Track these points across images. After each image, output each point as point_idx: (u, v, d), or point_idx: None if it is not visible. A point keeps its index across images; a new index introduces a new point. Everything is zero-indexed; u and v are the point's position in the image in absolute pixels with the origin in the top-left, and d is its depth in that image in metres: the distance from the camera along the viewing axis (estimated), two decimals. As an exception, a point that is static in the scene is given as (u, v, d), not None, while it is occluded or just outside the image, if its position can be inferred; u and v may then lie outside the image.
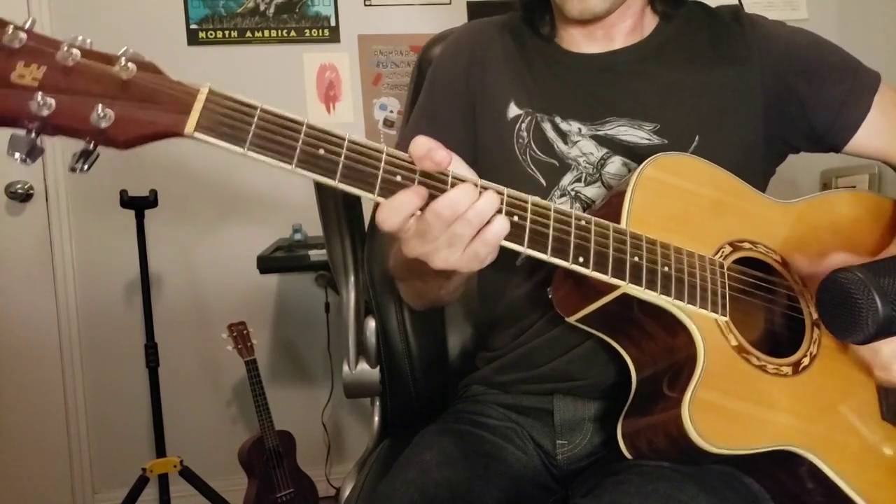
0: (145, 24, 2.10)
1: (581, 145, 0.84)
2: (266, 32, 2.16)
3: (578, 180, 0.84)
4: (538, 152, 0.85)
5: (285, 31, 2.17)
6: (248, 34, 2.16)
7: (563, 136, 0.85)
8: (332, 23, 2.19)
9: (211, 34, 2.14)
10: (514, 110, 0.87)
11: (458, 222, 0.59)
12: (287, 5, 2.17)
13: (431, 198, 0.59)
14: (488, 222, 0.60)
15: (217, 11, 2.14)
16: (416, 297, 0.92)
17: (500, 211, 0.61)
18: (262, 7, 2.16)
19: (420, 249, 0.61)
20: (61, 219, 2.11)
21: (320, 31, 2.19)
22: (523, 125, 0.86)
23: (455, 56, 0.94)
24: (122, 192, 1.88)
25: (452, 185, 0.61)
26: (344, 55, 2.20)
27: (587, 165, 0.84)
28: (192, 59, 2.13)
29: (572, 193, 0.84)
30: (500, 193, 0.63)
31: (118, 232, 2.05)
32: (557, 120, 0.86)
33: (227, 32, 2.15)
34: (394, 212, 0.59)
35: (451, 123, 0.91)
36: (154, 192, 1.91)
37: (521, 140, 0.86)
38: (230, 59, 2.15)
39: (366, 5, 2.20)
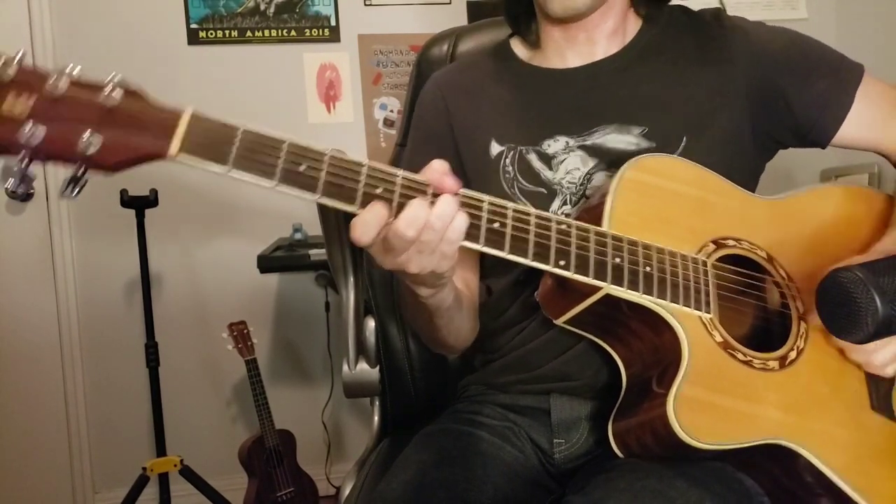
0: (145, 24, 2.10)
1: (567, 163, 0.84)
2: (266, 32, 2.17)
3: (565, 203, 0.84)
4: (526, 184, 0.85)
5: (285, 30, 2.18)
6: (249, 34, 2.16)
7: (549, 161, 0.85)
8: (332, 22, 2.19)
9: (211, 34, 2.14)
10: (496, 148, 0.88)
11: (425, 230, 0.61)
12: (287, 5, 2.17)
13: (400, 207, 0.61)
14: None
15: (217, 11, 2.14)
16: (432, 343, 0.93)
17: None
18: (262, 7, 2.16)
19: (392, 263, 0.64)
20: (61, 218, 2.11)
21: (320, 30, 2.19)
22: (507, 160, 0.87)
23: (435, 98, 0.95)
24: (123, 192, 1.88)
25: (434, 195, 0.62)
26: (344, 55, 2.21)
27: (570, 185, 0.84)
28: (193, 59, 2.13)
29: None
30: (482, 201, 0.64)
31: (118, 232, 2.05)
32: (544, 146, 0.85)
33: (227, 32, 2.15)
34: (366, 226, 0.60)
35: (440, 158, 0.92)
36: (154, 192, 1.91)
37: (507, 175, 0.86)
38: (230, 58, 2.15)
39: (366, 5, 2.20)
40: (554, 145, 0.85)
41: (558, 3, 0.82)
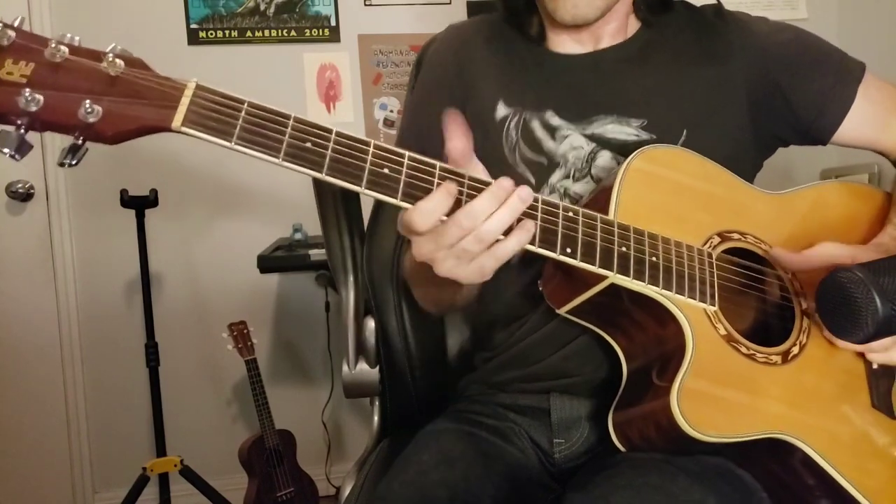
0: (145, 24, 2.10)
1: (571, 139, 0.85)
2: (266, 32, 2.16)
3: (567, 177, 0.84)
4: (527, 151, 0.85)
5: (285, 30, 2.17)
6: (249, 34, 2.16)
7: (553, 132, 0.85)
8: (332, 22, 2.19)
9: (211, 34, 2.14)
10: (502, 110, 0.87)
11: (468, 239, 0.60)
12: (287, 5, 2.17)
13: (457, 203, 0.60)
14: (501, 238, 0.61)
15: (217, 11, 2.14)
16: (432, 304, 0.93)
17: (513, 227, 0.62)
18: (262, 7, 2.16)
19: (431, 255, 0.62)
20: (62, 218, 2.11)
21: (320, 30, 2.19)
22: (512, 124, 0.87)
23: (444, 57, 0.95)
24: (123, 192, 1.88)
25: (470, 189, 0.61)
26: (344, 55, 2.20)
27: (576, 160, 0.84)
28: (193, 59, 2.13)
29: (561, 190, 0.84)
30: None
31: (118, 231, 2.05)
32: (548, 115, 0.86)
33: (227, 32, 2.15)
34: (427, 215, 0.60)
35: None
36: (154, 192, 1.91)
37: (510, 140, 0.86)
38: (230, 58, 2.15)
39: (366, 5, 2.20)
40: (558, 119, 0.85)
41: (568, 12, 0.82)
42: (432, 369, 1.13)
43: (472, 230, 0.60)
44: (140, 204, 1.90)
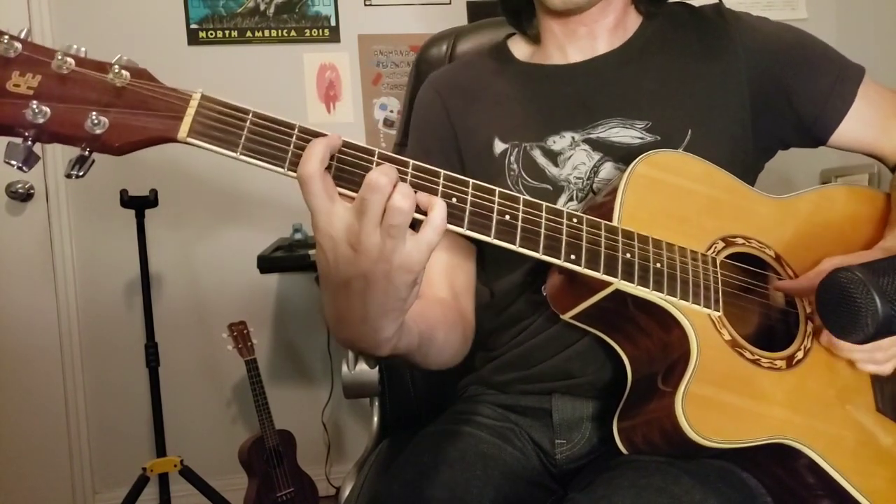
0: (145, 24, 2.10)
1: (573, 160, 0.84)
2: (266, 32, 2.17)
3: (572, 199, 0.84)
4: (530, 180, 0.85)
5: (285, 30, 2.18)
6: (249, 34, 2.16)
7: (554, 158, 0.85)
8: (332, 23, 2.19)
9: (211, 34, 2.14)
10: (499, 146, 0.87)
11: (390, 213, 0.55)
12: (287, 5, 2.17)
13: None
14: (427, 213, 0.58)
15: (217, 11, 2.14)
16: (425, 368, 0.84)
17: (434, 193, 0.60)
18: (262, 7, 2.16)
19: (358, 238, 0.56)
20: (61, 219, 2.11)
21: (320, 30, 2.19)
22: (512, 157, 0.86)
23: (432, 99, 0.95)
24: (123, 192, 1.88)
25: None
26: (344, 55, 2.21)
27: (577, 181, 0.84)
28: (192, 59, 2.13)
29: None
30: (493, 192, 0.63)
31: (118, 232, 2.05)
32: (549, 142, 0.85)
33: (227, 32, 2.15)
34: (313, 149, 0.56)
35: (442, 159, 0.90)
36: (154, 192, 1.91)
37: (512, 172, 0.86)
38: (230, 59, 2.15)
39: (366, 5, 2.20)
40: (560, 142, 0.85)
41: None
42: (432, 370, 1.13)
43: (393, 185, 0.55)
44: (140, 204, 1.90)
